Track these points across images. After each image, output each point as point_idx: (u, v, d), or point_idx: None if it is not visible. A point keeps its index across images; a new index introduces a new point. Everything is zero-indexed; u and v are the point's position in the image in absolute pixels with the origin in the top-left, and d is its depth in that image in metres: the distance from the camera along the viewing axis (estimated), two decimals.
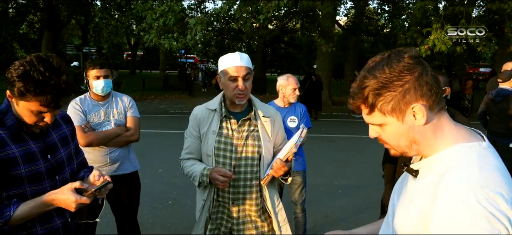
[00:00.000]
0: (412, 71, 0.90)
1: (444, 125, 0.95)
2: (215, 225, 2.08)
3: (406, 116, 0.92)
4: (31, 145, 1.50)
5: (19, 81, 1.35)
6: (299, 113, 3.39)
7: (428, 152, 0.96)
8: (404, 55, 0.91)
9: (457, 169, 0.87)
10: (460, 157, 0.89)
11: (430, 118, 0.92)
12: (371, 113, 0.96)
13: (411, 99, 0.90)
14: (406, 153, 0.99)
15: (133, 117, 2.84)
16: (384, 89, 0.91)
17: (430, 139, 0.95)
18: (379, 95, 0.92)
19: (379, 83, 0.91)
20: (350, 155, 7.20)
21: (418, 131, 0.94)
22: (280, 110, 3.38)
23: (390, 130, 0.96)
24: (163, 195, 4.88)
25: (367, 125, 1.03)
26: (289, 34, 26.42)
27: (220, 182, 1.89)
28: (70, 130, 1.73)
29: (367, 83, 0.92)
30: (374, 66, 0.94)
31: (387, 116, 0.94)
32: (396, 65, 0.90)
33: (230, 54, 2.00)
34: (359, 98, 0.95)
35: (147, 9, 11.47)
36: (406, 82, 0.90)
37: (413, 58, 0.91)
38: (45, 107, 1.40)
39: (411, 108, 0.91)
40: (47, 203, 1.43)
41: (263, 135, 2.03)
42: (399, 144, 0.97)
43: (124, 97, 2.89)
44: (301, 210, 3.38)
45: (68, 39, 29.40)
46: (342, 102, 16.10)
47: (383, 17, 23.23)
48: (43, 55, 1.41)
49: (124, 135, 2.75)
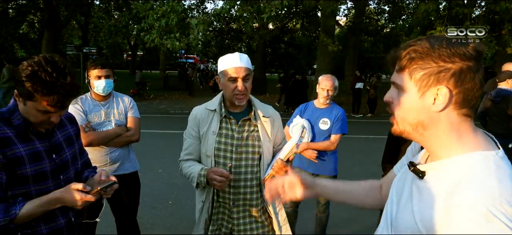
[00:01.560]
0: (465, 60, 0.85)
1: (463, 130, 0.89)
2: (216, 226, 2.08)
3: (427, 95, 0.88)
4: (37, 145, 1.52)
5: (27, 81, 1.38)
6: (334, 117, 3.27)
7: (435, 148, 0.92)
8: (470, 44, 0.86)
9: (474, 180, 0.81)
10: (478, 167, 0.83)
11: (450, 113, 0.88)
12: (401, 71, 0.92)
13: (443, 81, 0.86)
14: (406, 133, 0.95)
15: (133, 117, 2.85)
16: (428, 57, 0.87)
17: (443, 135, 0.90)
18: (420, 58, 0.88)
19: (428, 49, 0.87)
20: (350, 155, 7.19)
21: (430, 116, 0.89)
22: (315, 111, 3.33)
23: (405, 98, 0.92)
24: (163, 195, 4.88)
25: (366, 125, 1.03)
26: (289, 34, 26.44)
27: (217, 182, 1.86)
28: (74, 130, 1.76)
29: (418, 43, 0.89)
30: (438, 37, 0.89)
31: (412, 82, 0.89)
32: (456, 47, 0.85)
33: (230, 54, 1.99)
34: (400, 53, 0.91)
35: (148, 9, 11.46)
36: (452, 65, 0.85)
37: (476, 52, 0.85)
38: (52, 108, 1.43)
39: (437, 89, 0.86)
40: (52, 201, 1.45)
41: (263, 135, 2.04)
42: (406, 118, 0.93)
43: (125, 97, 2.90)
44: (325, 209, 3.43)
45: (68, 39, 29.39)
46: (341, 103, 16.10)
47: (383, 17, 23.23)
48: (50, 56, 1.43)
49: (124, 135, 2.76)
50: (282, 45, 27.64)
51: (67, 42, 24.42)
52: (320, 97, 3.28)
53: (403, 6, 19.09)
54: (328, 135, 3.28)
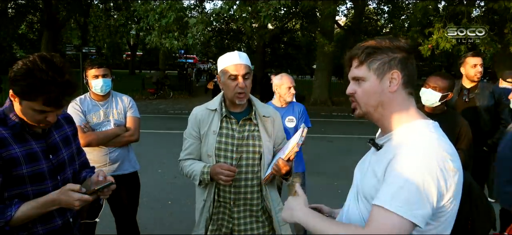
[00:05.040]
0: (404, 51, 1.14)
1: (409, 105, 1.15)
2: (216, 226, 2.07)
3: (384, 79, 1.13)
4: (33, 145, 1.50)
5: (22, 81, 1.36)
6: (298, 113, 3.35)
7: (388, 122, 1.15)
8: (402, 40, 1.15)
9: (419, 132, 1.08)
10: (423, 128, 1.10)
11: (400, 92, 1.13)
12: (359, 66, 1.16)
13: (394, 67, 1.12)
14: (369, 114, 1.17)
15: (133, 117, 2.83)
16: (379, 51, 1.13)
17: (397, 110, 1.14)
18: (373, 53, 1.13)
19: (377, 46, 1.14)
20: (350, 155, 7.19)
21: (387, 96, 1.13)
22: (277, 111, 3.38)
23: (367, 85, 1.14)
24: (163, 195, 4.87)
25: (366, 125, 1.06)
26: (289, 34, 26.41)
27: (225, 176, 1.87)
28: (72, 130, 1.74)
29: (369, 42, 1.16)
30: (380, 37, 1.19)
31: (371, 71, 1.14)
32: (396, 42, 1.14)
33: (229, 53, 1.99)
34: (357, 52, 1.16)
35: (149, 10, 11.44)
36: (397, 54, 1.13)
37: (408, 45, 1.15)
38: (48, 107, 1.41)
39: (391, 74, 1.12)
40: (48, 203, 1.43)
41: (264, 135, 2.03)
42: (369, 102, 1.15)
43: (124, 97, 2.89)
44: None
45: (67, 39, 29.35)
46: (341, 103, 16.09)
47: (383, 17, 23.23)
48: (46, 55, 1.41)
49: (123, 135, 2.75)
50: (281, 45, 27.62)
51: (67, 42, 24.39)
52: (286, 96, 3.29)
53: (402, 6, 19.08)
54: (294, 132, 3.29)
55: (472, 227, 1.87)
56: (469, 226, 1.86)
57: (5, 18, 21.05)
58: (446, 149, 1.04)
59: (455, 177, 1.02)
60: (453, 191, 1.02)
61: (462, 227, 1.82)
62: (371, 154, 1.23)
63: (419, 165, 0.99)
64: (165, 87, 17.84)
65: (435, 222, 1.04)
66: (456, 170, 1.03)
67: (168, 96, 17.47)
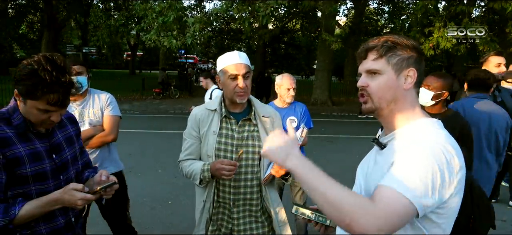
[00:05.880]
0: (418, 51, 1.17)
1: (416, 104, 1.18)
2: (216, 226, 2.08)
3: (401, 75, 1.14)
4: (37, 144, 1.52)
5: (27, 80, 1.37)
6: (299, 114, 3.34)
7: (395, 120, 1.16)
8: (414, 41, 1.19)
9: (425, 129, 1.10)
10: (429, 125, 1.12)
11: (412, 90, 1.16)
12: (378, 59, 1.15)
13: (411, 65, 1.14)
14: (380, 109, 1.16)
15: (110, 116, 2.70)
16: (399, 47, 1.15)
17: (406, 108, 1.15)
18: (393, 48, 1.14)
19: (397, 41, 1.15)
20: (350, 155, 7.19)
21: (402, 93, 1.14)
22: (279, 111, 3.36)
23: (384, 79, 1.14)
24: (163, 195, 4.88)
25: (366, 125, 1.06)
26: (289, 34, 26.42)
27: (227, 171, 1.86)
28: (75, 130, 1.75)
29: (388, 37, 1.17)
30: (396, 34, 1.20)
31: (389, 66, 1.14)
32: (411, 41, 1.16)
33: (229, 53, 1.99)
34: (376, 44, 1.16)
35: (148, 9, 11.45)
36: (414, 54, 1.15)
37: (419, 47, 1.19)
38: (52, 106, 1.42)
39: (408, 71, 1.14)
40: (51, 202, 1.45)
41: (263, 135, 2.04)
42: (384, 96, 1.14)
43: (102, 95, 2.75)
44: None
45: (68, 39, 29.37)
46: (341, 103, 16.09)
47: (383, 17, 23.23)
48: (49, 55, 1.43)
49: (97, 135, 2.65)
50: (282, 45, 27.63)
51: (67, 42, 24.43)
52: (285, 97, 3.28)
53: (403, 6, 19.08)
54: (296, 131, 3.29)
55: (473, 226, 1.88)
56: (471, 225, 1.87)
57: (5, 18, 21.08)
58: (452, 144, 1.06)
59: (459, 173, 1.03)
60: (455, 186, 1.03)
61: (464, 226, 1.83)
62: (375, 153, 1.22)
63: (428, 154, 1.00)
64: (171, 87, 17.80)
65: (438, 220, 1.05)
66: (460, 167, 1.04)
67: (174, 96, 17.38)
